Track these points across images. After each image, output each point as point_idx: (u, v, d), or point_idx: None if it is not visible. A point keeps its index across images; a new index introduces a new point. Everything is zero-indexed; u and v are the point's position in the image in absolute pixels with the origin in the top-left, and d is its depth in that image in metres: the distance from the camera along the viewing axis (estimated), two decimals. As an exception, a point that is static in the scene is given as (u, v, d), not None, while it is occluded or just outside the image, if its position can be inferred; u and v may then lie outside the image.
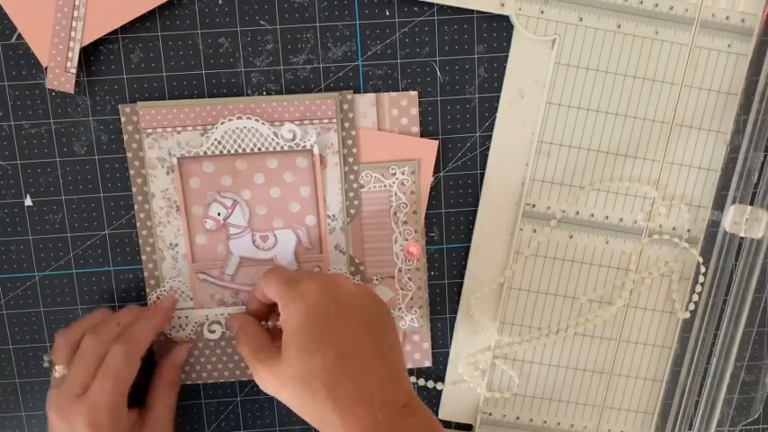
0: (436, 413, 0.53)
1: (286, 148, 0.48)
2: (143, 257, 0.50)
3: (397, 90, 0.49)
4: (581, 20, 0.48)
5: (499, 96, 0.49)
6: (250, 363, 0.44)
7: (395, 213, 0.50)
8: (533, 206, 0.50)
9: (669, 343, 0.52)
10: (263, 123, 0.48)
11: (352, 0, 0.48)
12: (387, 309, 0.45)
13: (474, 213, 0.51)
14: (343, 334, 0.42)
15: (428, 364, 0.52)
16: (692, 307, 0.51)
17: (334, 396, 0.40)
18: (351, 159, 0.49)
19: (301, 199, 0.49)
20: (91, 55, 0.48)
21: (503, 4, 0.48)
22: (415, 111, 0.49)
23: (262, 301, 0.47)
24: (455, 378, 0.52)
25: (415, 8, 0.48)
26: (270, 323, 0.48)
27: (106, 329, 0.46)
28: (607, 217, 0.50)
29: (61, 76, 0.47)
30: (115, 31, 0.47)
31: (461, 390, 0.52)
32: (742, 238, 0.50)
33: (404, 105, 0.49)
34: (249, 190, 0.49)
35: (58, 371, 0.45)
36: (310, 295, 0.42)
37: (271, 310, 0.48)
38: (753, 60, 0.49)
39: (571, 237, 0.51)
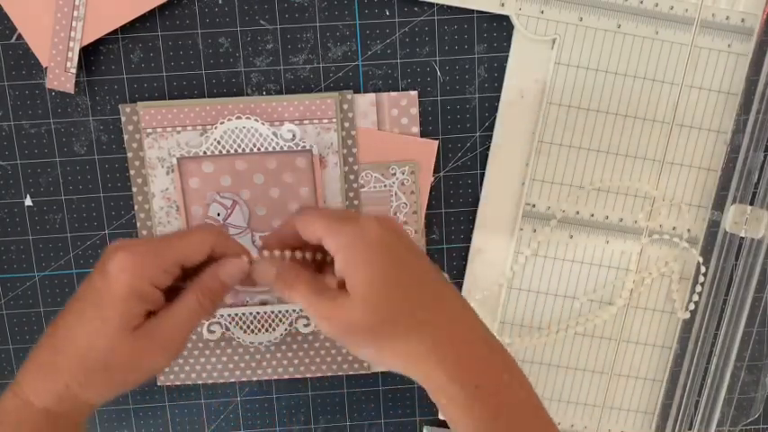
0: (437, 413, 0.53)
1: (285, 148, 0.48)
2: (143, 257, 0.50)
3: (397, 90, 0.49)
4: (581, 20, 0.48)
5: (499, 96, 0.49)
6: (312, 304, 0.39)
7: (395, 213, 0.50)
8: (533, 206, 0.50)
9: (669, 343, 0.52)
10: (262, 123, 0.48)
11: (352, 0, 0.48)
12: None
13: (474, 213, 0.51)
14: (413, 267, 0.39)
15: (428, 364, 0.52)
16: (692, 307, 0.51)
17: (420, 323, 0.38)
18: (351, 159, 0.49)
19: (301, 199, 0.49)
20: (91, 55, 0.48)
21: (503, 4, 0.48)
22: (415, 111, 0.49)
23: (287, 239, 0.42)
24: (455, 378, 0.52)
25: (415, 8, 0.48)
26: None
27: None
28: (607, 217, 0.50)
29: (61, 76, 0.47)
30: (115, 31, 0.47)
31: (461, 390, 0.52)
32: (742, 238, 0.50)
33: (404, 105, 0.49)
34: (249, 190, 0.49)
35: None
36: (373, 230, 0.39)
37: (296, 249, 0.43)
38: (753, 60, 0.49)
39: (571, 237, 0.51)
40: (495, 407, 0.38)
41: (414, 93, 0.49)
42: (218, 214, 0.49)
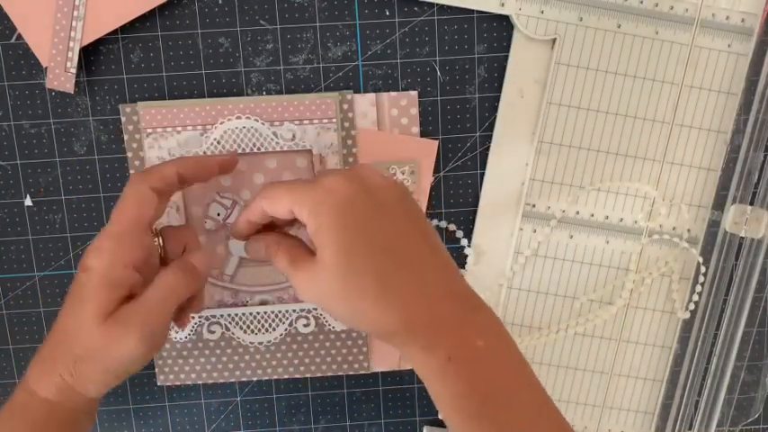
0: (437, 413, 0.53)
1: (285, 148, 0.48)
2: (143, 257, 0.50)
3: (397, 90, 0.49)
4: (581, 20, 0.48)
5: (499, 96, 0.49)
6: (289, 273, 0.39)
7: (395, 213, 0.50)
8: (533, 206, 0.50)
9: (669, 343, 0.52)
10: (262, 123, 0.48)
11: (352, 0, 0.48)
12: (415, 200, 0.41)
13: (474, 213, 0.51)
14: (386, 227, 0.37)
15: (428, 364, 0.52)
16: (692, 307, 0.51)
17: (389, 291, 0.36)
18: (351, 159, 0.49)
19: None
20: (91, 55, 0.48)
21: (503, 4, 0.48)
22: (415, 111, 0.49)
23: (257, 221, 0.42)
24: (455, 378, 0.52)
25: (415, 8, 0.48)
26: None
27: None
28: (607, 217, 0.50)
29: (61, 76, 0.47)
30: (115, 31, 0.47)
31: (461, 390, 0.52)
32: (742, 238, 0.50)
33: (404, 105, 0.49)
34: (249, 190, 0.49)
35: None
36: (339, 190, 0.37)
37: (266, 229, 0.43)
38: (753, 60, 0.49)
39: (571, 237, 0.51)
40: (468, 379, 0.36)
41: (414, 93, 0.49)
42: (218, 214, 0.49)
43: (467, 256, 0.51)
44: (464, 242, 0.51)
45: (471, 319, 0.37)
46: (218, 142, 0.48)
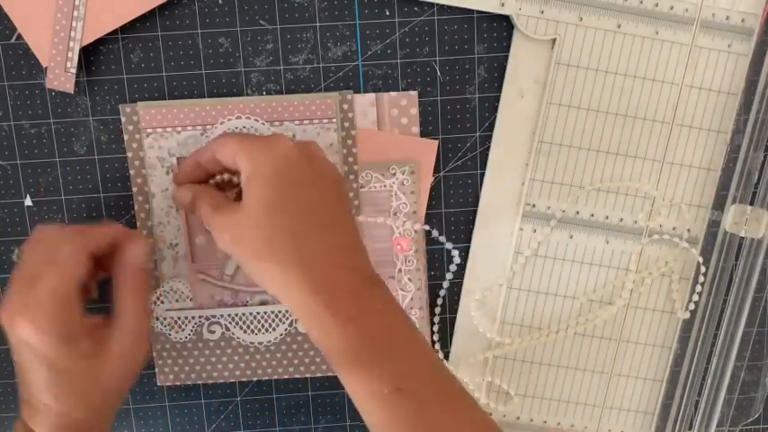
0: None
1: (286, 148, 0.48)
2: (143, 257, 0.50)
3: (397, 90, 0.49)
4: (581, 20, 0.48)
5: (499, 96, 0.49)
6: (210, 219, 0.41)
7: (395, 213, 0.50)
8: (533, 206, 0.50)
9: (669, 343, 0.52)
10: (262, 123, 0.48)
11: (352, 0, 0.48)
12: (348, 194, 0.43)
13: (474, 213, 0.51)
14: (313, 194, 0.40)
15: (428, 364, 0.52)
16: (692, 307, 0.51)
17: (300, 252, 0.38)
18: (351, 159, 0.49)
19: (301, 199, 0.49)
20: (91, 55, 0.48)
21: (503, 4, 0.48)
22: (414, 111, 0.49)
23: (205, 166, 0.43)
24: (455, 378, 0.52)
25: (415, 8, 0.48)
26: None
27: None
28: (607, 217, 0.50)
29: (61, 76, 0.47)
30: (115, 31, 0.47)
31: (461, 390, 0.52)
32: (742, 238, 0.50)
33: (404, 105, 0.49)
34: (249, 190, 0.49)
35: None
36: (283, 148, 0.40)
37: (209, 178, 0.45)
38: (753, 60, 0.49)
39: (571, 237, 0.51)
40: (366, 335, 0.38)
41: (414, 93, 0.49)
42: (218, 214, 0.49)
43: (453, 257, 0.51)
44: (448, 245, 0.51)
45: (371, 290, 0.40)
46: (218, 142, 0.48)
